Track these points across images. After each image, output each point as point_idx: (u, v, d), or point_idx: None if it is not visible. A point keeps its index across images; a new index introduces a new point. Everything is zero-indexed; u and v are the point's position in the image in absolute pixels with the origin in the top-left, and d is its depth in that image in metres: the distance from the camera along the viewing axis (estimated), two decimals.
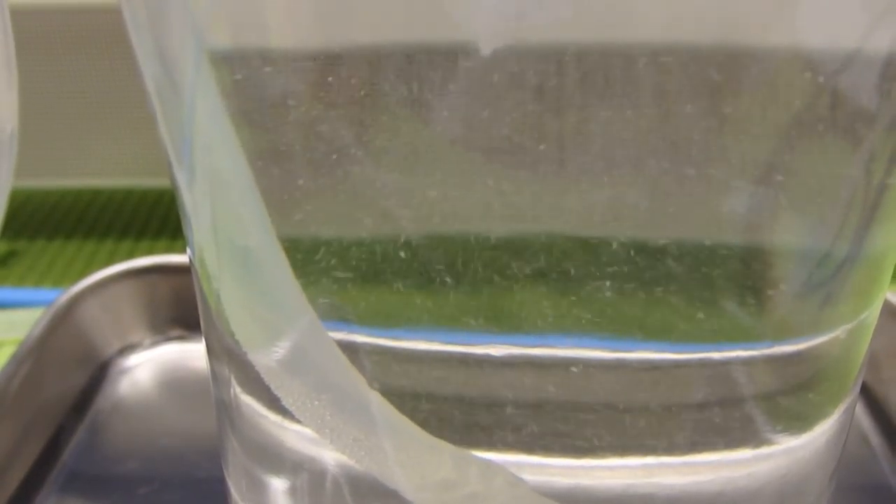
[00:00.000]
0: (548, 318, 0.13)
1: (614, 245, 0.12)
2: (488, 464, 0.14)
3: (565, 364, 0.13)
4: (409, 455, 0.14)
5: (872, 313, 0.15)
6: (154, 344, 0.28)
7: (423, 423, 0.14)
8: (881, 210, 0.13)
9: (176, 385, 0.27)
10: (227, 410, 0.16)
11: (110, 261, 0.31)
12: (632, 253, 0.12)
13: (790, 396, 0.14)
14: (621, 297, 0.13)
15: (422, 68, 0.11)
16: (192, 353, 0.28)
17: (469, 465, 0.14)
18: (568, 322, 0.13)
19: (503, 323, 0.13)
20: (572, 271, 0.13)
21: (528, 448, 0.14)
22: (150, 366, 0.28)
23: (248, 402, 0.15)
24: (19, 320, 0.31)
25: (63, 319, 0.27)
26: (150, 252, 0.35)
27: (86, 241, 0.39)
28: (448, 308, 0.13)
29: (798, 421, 0.15)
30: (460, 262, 0.13)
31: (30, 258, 0.37)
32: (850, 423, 0.17)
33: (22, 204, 0.42)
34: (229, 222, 0.13)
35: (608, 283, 0.13)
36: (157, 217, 0.40)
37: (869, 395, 0.27)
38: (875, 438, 0.25)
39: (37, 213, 0.41)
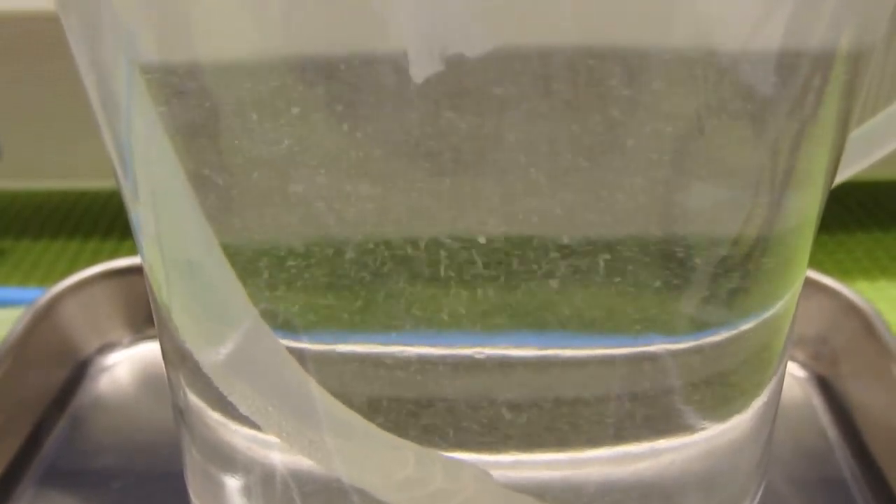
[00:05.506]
0: (477, 316, 0.13)
1: (535, 243, 0.13)
2: (453, 460, 0.14)
3: (494, 362, 0.14)
4: (369, 456, 0.14)
5: (790, 301, 0.15)
6: (133, 342, 0.29)
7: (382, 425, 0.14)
8: (789, 193, 0.14)
9: (153, 383, 0.27)
10: (182, 414, 0.16)
11: (94, 260, 0.31)
12: (553, 250, 0.13)
13: (712, 384, 0.15)
14: (544, 294, 0.13)
15: (354, 77, 0.12)
16: None
17: (434, 463, 0.14)
18: (495, 320, 0.13)
19: (441, 323, 0.13)
20: (498, 271, 0.13)
21: (464, 446, 0.14)
22: (128, 364, 0.28)
23: (201, 406, 0.16)
24: (3, 318, 0.32)
25: (44, 318, 0.27)
26: (133, 252, 0.35)
27: (70, 240, 0.39)
28: (391, 311, 0.13)
29: (721, 408, 0.15)
30: (396, 266, 0.13)
31: (15, 257, 0.38)
32: (777, 407, 0.17)
33: (8, 204, 0.43)
34: (172, 235, 0.13)
35: (531, 281, 0.13)
36: None
37: (828, 391, 0.27)
38: (832, 432, 0.26)
39: (23, 213, 0.42)
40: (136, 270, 0.29)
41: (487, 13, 0.11)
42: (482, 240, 0.13)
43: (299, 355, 0.14)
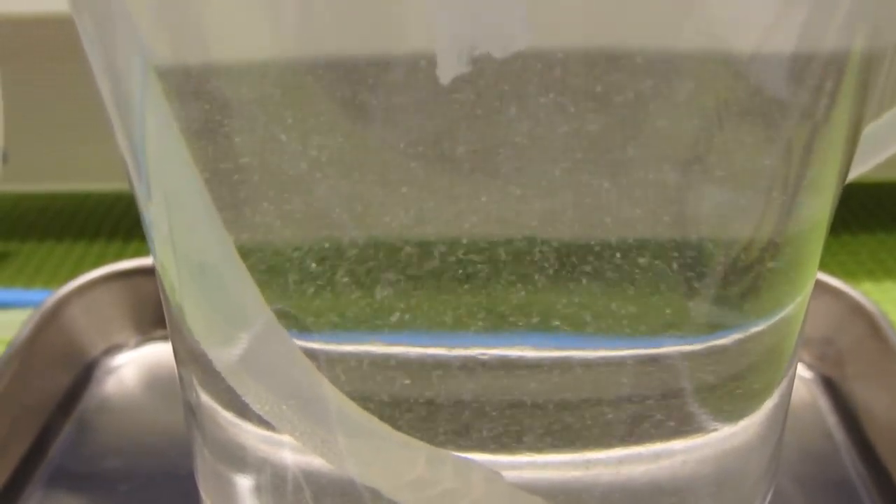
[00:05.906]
0: (490, 317, 0.13)
1: (549, 245, 0.13)
2: (464, 461, 0.14)
3: (506, 363, 0.14)
4: (380, 456, 0.14)
5: (802, 302, 0.15)
6: (139, 344, 0.29)
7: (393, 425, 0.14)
8: (801, 195, 0.14)
9: (160, 384, 0.27)
10: (193, 414, 0.17)
11: (99, 262, 0.31)
12: (565, 251, 0.13)
13: (724, 386, 0.15)
14: (557, 296, 0.13)
15: (370, 79, 0.12)
16: None
17: (444, 463, 0.14)
18: (509, 322, 0.13)
19: (455, 324, 0.14)
20: (508, 273, 0.13)
21: (475, 446, 0.14)
22: (134, 366, 0.28)
23: (213, 405, 0.16)
24: (9, 320, 0.32)
25: (50, 321, 0.27)
26: (138, 254, 0.35)
27: (76, 243, 0.39)
28: (404, 311, 0.14)
29: (732, 409, 0.15)
30: (409, 267, 0.13)
31: (21, 259, 0.38)
32: (787, 409, 0.17)
33: (13, 207, 0.43)
34: (185, 236, 0.14)
35: (545, 283, 0.13)
36: None
37: (834, 392, 0.27)
38: (839, 435, 0.26)
39: (27, 216, 0.42)
40: (142, 272, 0.29)
41: (517, 14, 0.11)
42: (494, 241, 0.13)
43: (312, 355, 0.14)
